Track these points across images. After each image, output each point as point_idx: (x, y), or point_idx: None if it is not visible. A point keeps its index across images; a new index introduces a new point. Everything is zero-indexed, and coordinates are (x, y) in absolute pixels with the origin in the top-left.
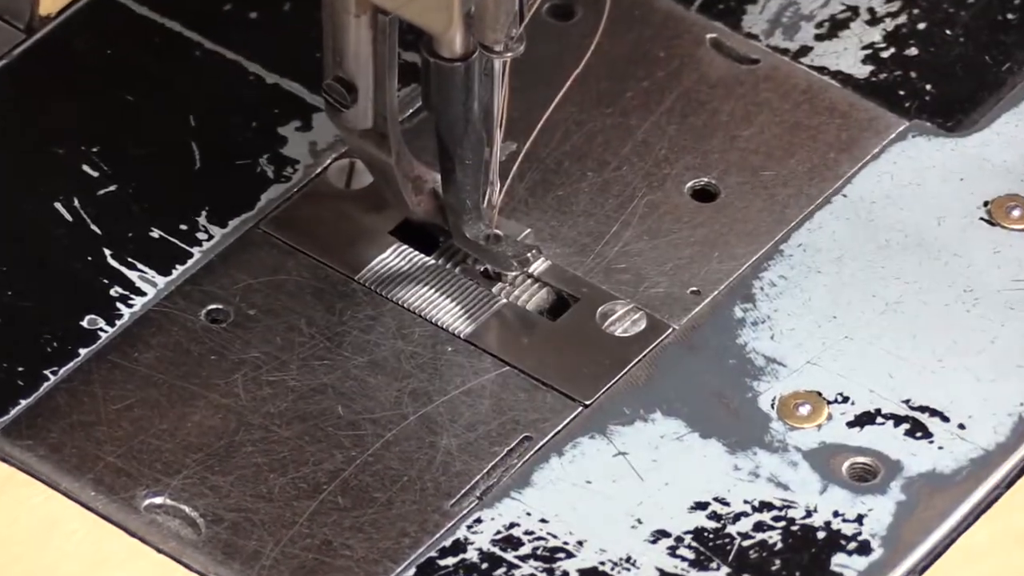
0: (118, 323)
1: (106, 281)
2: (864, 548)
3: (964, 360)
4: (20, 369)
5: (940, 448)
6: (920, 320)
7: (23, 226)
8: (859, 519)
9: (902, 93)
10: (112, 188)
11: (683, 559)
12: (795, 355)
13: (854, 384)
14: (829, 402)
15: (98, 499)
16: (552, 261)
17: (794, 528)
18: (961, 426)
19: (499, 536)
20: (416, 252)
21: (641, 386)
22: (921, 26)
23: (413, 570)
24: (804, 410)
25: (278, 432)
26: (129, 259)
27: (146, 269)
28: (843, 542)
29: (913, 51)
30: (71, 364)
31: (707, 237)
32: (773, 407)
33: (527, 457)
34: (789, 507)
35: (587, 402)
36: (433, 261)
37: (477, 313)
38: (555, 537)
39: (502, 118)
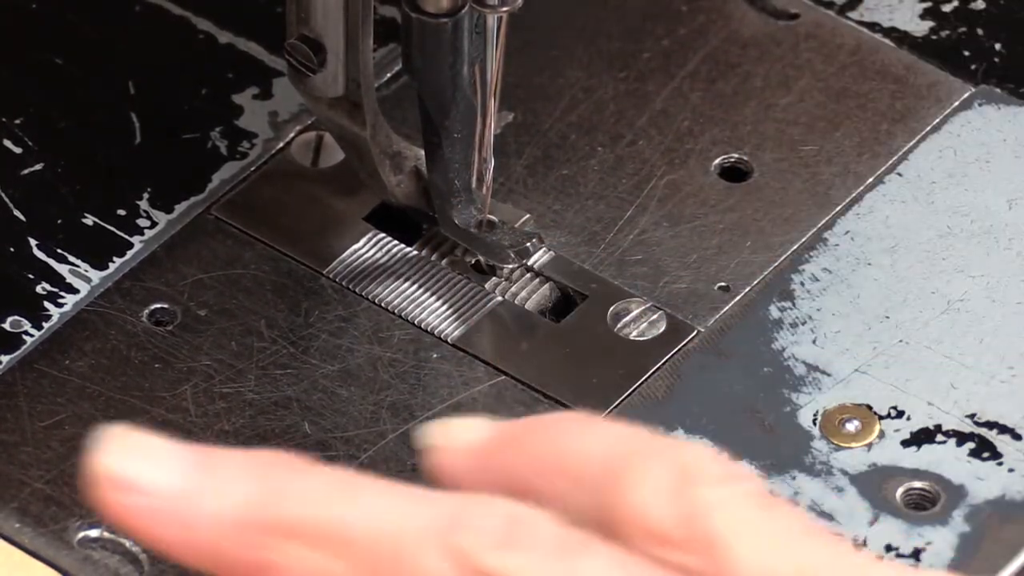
0: (46, 325)
1: (31, 276)
2: None
3: None
4: None
5: (1010, 471)
6: (988, 321)
7: None
8: (916, 554)
9: (967, 54)
10: (38, 167)
11: None
12: (841, 362)
13: (910, 396)
14: (881, 417)
15: (23, 532)
16: (555, 252)
17: None
18: None
19: None
20: (395, 241)
21: (660, 399)
22: None
23: None
24: (852, 427)
25: None
26: (58, 250)
27: (78, 262)
28: None
29: (980, 4)
30: None
31: (738, 223)
32: (815, 423)
33: None
34: None
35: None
36: (415, 252)
37: (467, 313)
38: None
39: (497, 84)
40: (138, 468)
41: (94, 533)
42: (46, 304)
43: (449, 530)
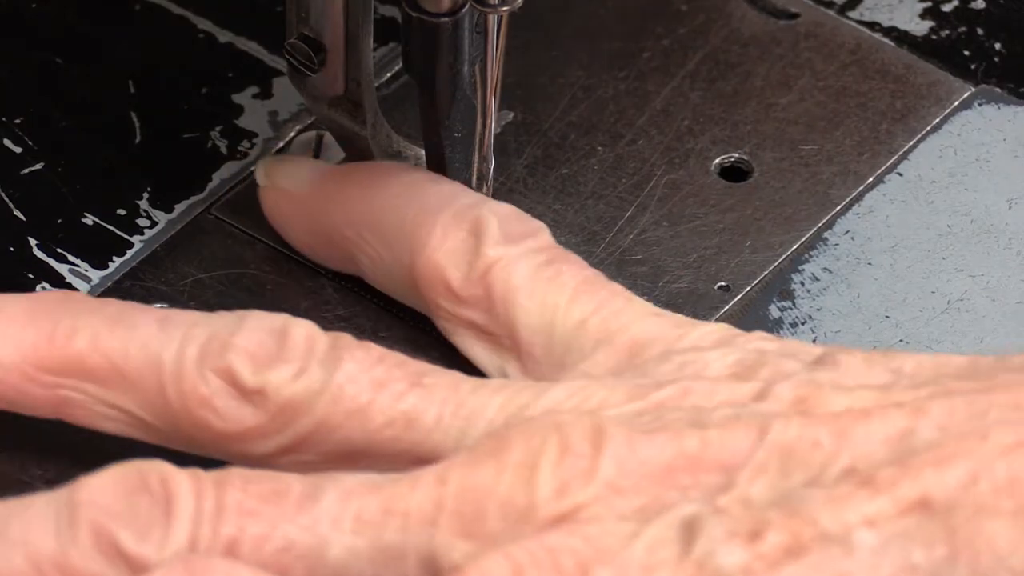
0: None
1: (31, 276)
2: None
3: None
4: None
5: None
6: (988, 321)
7: None
8: None
9: (967, 53)
10: (38, 167)
11: None
12: None
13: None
14: None
15: None
16: None
17: None
18: None
19: None
20: None
21: None
22: None
23: None
24: None
25: None
26: (58, 250)
27: (78, 262)
28: None
29: (980, 4)
30: None
31: (738, 223)
32: None
33: None
34: None
35: None
36: None
37: None
38: None
39: (497, 83)
40: None
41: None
42: None
43: (219, 352)
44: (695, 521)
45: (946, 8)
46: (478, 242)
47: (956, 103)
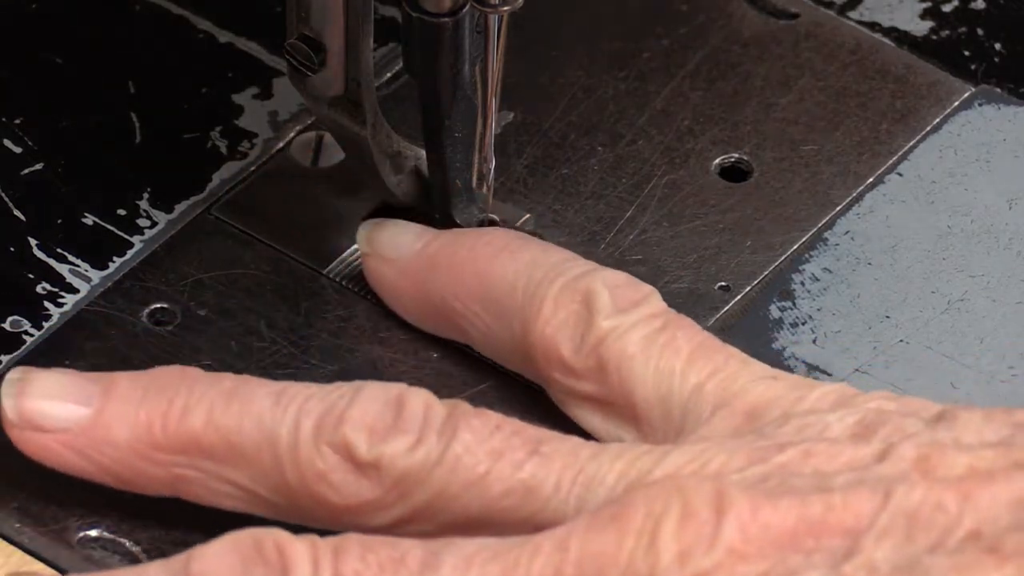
0: (46, 325)
1: (32, 276)
2: None
3: None
4: None
5: None
6: (988, 321)
7: None
8: None
9: (967, 54)
10: (38, 167)
11: None
12: (841, 362)
13: (911, 396)
14: None
15: (23, 531)
16: None
17: None
18: None
19: None
20: None
21: None
22: None
23: None
24: None
25: None
26: (58, 250)
27: (78, 262)
28: None
29: (980, 4)
30: None
31: (738, 223)
32: None
33: None
34: None
35: None
36: None
37: None
38: None
39: (497, 83)
40: (44, 406)
41: (94, 533)
42: (46, 304)
43: (335, 426)
44: None
45: (946, 8)
46: (590, 313)
47: (956, 103)
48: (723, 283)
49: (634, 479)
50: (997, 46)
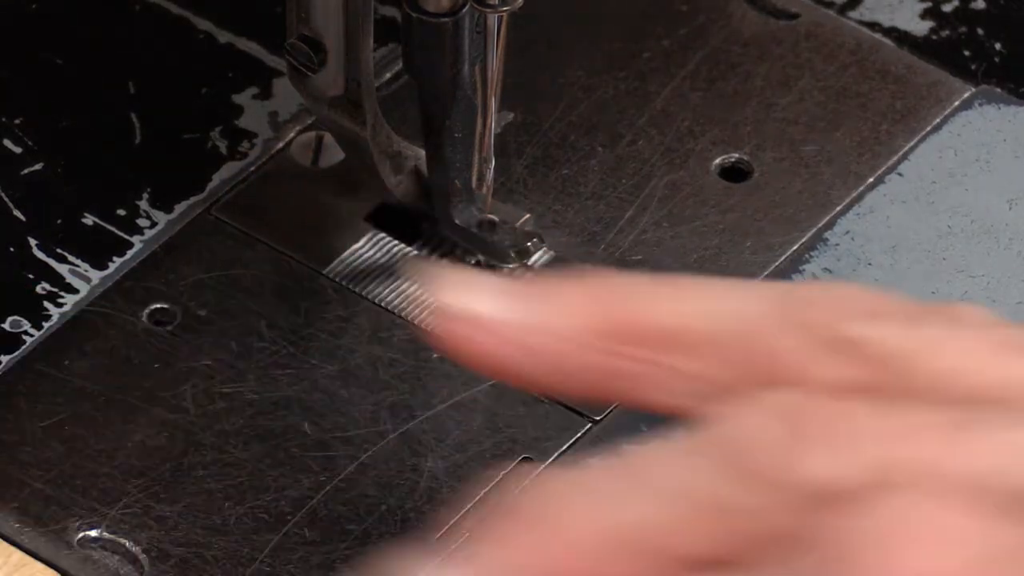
0: (46, 325)
1: (31, 276)
2: None
3: None
4: None
5: None
6: None
7: None
8: None
9: (967, 54)
10: (38, 167)
11: None
12: None
13: None
14: None
15: (23, 532)
16: (556, 252)
17: None
18: None
19: None
20: (395, 241)
21: None
22: None
23: None
24: None
25: (234, 453)
26: (58, 250)
27: (78, 262)
28: None
29: (980, 4)
30: None
31: (738, 223)
32: None
33: (527, 482)
34: None
35: (596, 417)
36: (415, 252)
37: None
38: None
39: (497, 83)
40: (484, 300)
41: (94, 533)
42: (46, 304)
43: (795, 311)
44: None
45: (946, 8)
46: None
47: (956, 103)
48: None
49: None
50: (997, 46)
